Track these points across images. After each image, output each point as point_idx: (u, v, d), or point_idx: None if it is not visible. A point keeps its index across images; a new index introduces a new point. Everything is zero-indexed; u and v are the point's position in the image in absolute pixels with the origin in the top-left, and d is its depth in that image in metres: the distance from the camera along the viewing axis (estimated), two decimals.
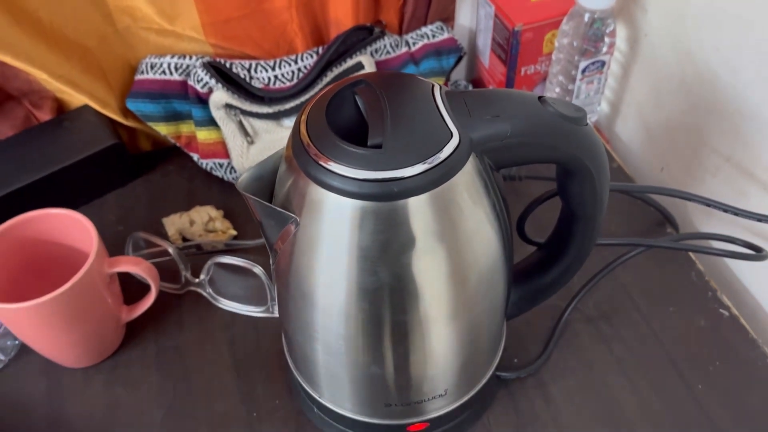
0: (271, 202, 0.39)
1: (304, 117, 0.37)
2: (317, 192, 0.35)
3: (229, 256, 0.57)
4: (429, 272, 0.37)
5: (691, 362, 0.54)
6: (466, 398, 0.47)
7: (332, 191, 0.35)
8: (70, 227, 0.52)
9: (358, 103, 0.38)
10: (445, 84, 0.71)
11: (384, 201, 0.35)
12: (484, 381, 0.48)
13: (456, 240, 0.37)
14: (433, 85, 0.38)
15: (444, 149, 0.35)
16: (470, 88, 0.70)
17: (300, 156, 0.36)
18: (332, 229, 0.36)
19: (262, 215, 0.39)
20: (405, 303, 0.38)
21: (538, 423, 0.51)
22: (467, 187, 0.36)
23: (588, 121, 0.39)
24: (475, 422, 0.51)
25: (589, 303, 0.58)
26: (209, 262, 0.57)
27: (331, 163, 0.35)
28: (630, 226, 0.64)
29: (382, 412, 0.46)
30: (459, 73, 0.78)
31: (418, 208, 0.35)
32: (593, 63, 0.64)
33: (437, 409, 0.46)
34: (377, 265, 0.36)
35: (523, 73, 0.70)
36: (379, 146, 0.35)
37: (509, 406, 0.52)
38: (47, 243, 0.53)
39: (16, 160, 0.64)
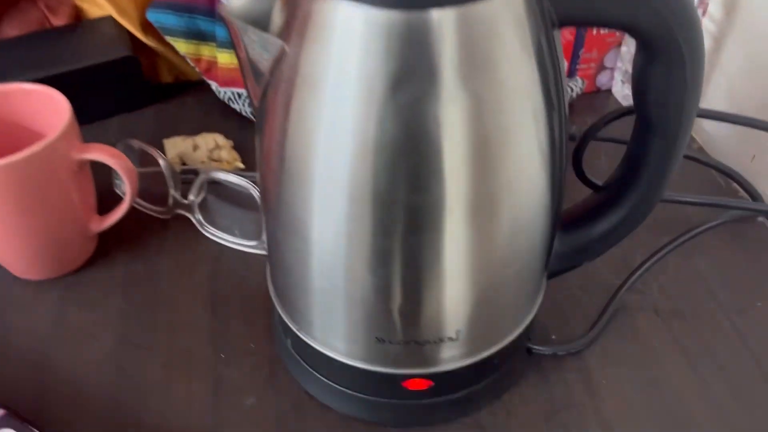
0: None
1: None
2: (319, 3, 0.27)
3: (224, 173, 0.48)
4: (452, 127, 0.27)
5: None
6: (482, 355, 0.36)
7: None
8: (44, 108, 0.45)
9: None
10: None
11: (399, 8, 0.25)
12: (507, 340, 0.37)
13: (489, 90, 0.27)
14: None
15: None
16: None
17: None
18: (334, 52, 0.27)
19: (248, 47, 0.30)
20: (415, 174, 0.28)
21: (574, 412, 0.39)
22: (514, 19, 0.27)
23: None
24: (493, 399, 0.40)
25: (653, 286, 0.47)
26: (201, 177, 0.49)
27: None
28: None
29: (373, 353, 0.35)
30: None
31: (445, 28, 0.26)
32: None
33: (444, 361, 0.36)
34: (386, 110, 0.27)
35: (594, 32, 0.60)
36: None
37: (540, 388, 0.41)
38: (17, 124, 0.46)
39: (22, 57, 0.58)
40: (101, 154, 0.43)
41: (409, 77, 0.26)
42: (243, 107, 0.60)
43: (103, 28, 0.60)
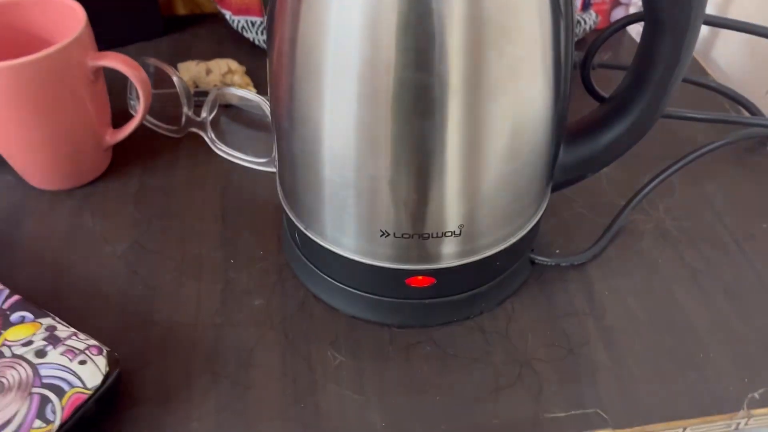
0: None
1: None
2: None
3: (236, 89, 0.49)
4: (456, 5, 0.28)
5: None
6: (483, 254, 0.37)
7: None
8: (58, 17, 0.45)
9: None
10: None
11: None
12: (509, 242, 0.38)
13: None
14: None
15: None
16: None
17: None
18: None
19: None
20: (420, 42, 0.28)
21: (575, 319, 0.40)
22: None
23: None
24: (495, 303, 0.40)
25: (659, 206, 0.47)
26: (213, 92, 0.49)
27: None
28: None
29: (378, 247, 0.36)
30: None
31: None
32: None
33: (447, 258, 0.36)
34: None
35: None
36: None
37: (541, 296, 0.41)
38: (34, 34, 0.46)
39: None
40: (116, 62, 0.44)
41: None
42: (256, 36, 0.60)
43: None
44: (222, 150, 0.50)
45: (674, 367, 0.38)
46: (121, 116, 0.51)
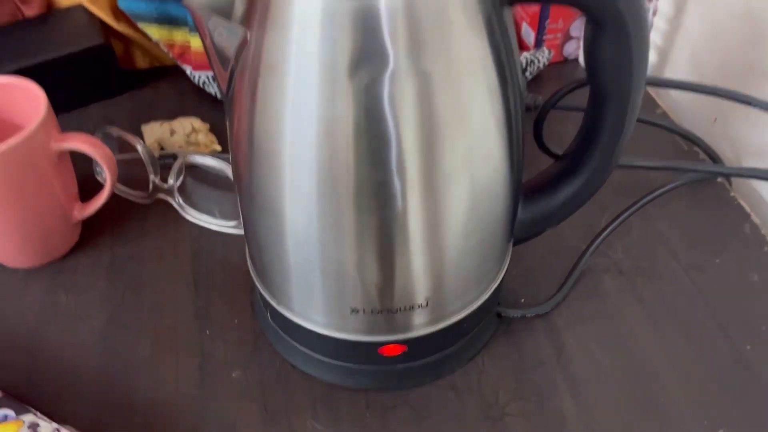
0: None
1: None
2: None
3: (201, 156, 0.50)
4: (403, 109, 0.29)
5: (739, 320, 0.44)
6: (451, 320, 0.38)
7: None
8: (21, 101, 0.46)
9: None
10: None
11: None
12: (475, 305, 0.39)
13: (439, 68, 0.29)
14: None
15: None
16: None
17: None
18: (293, 41, 0.29)
19: (211, 34, 0.31)
20: (376, 155, 0.30)
21: (543, 369, 0.42)
22: (462, 2, 0.29)
23: None
24: (465, 361, 0.42)
25: (618, 248, 0.49)
26: (179, 161, 0.50)
27: None
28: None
29: (349, 323, 0.37)
30: None
31: (394, 13, 0.27)
32: None
33: (416, 327, 0.38)
34: (345, 92, 0.28)
35: None
36: None
37: (509, 348, 0.43)
38: None
39: None
40: (80, 143, 0.45)
41: (366, 60, 0.28)
42: (218, 91, 0.61)
43: (75, 16, 0.61)
44: (191, 215, 0.51)
45: (638, 414, 0.40)
46: (88, 184, 0.51)
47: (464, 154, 0.32)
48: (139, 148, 0.51)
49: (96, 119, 0.62)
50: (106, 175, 0.47)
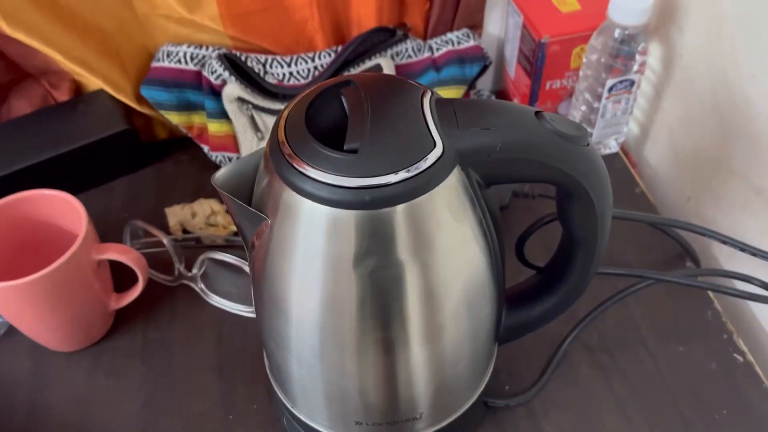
0: (251, 201, 0.38)
1: (285, 113, 0.36)
2: (288, 194, 0.34)
3: (222, 253, 0.55)
4: (403, 288, 0.35)
5: (697, 407, 0.50)
6: (445, 423, 0.45)
7: (302, 195, 0.33)
8: (63, 210, 0.52)
9: (344, 104, 0.36)
10: (467, 93, 0.69)
11: (356, 209, 0.33)
12: (466, 406, 0.46)
13: (433, 257, 0.35)
14: (424, 91, 0.36)
15: (425, 159, 0.33)
16: (493, 99, 0.67)
17: (274, 154, 0.34)
18: (303, 235, 0.34)
19: (237, 213, 0.37)
20: (377, 319, 0.36)
21: None
22: (449, 201, 0.34)
23: (589, 140, 0.37)
24: None
25: (594, 333, 0.55)
26: (202, 257, 0.56)
27: (305, 166, 0.33)
28: (648, 256, 0.60)
29: (353, 430, 0.43)
30: (485, 83, 0.76)
31: (393, 220, 0.33)
32: (621, 82, 0.61)
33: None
34: (348, 277, 0.34)
35: (548, 87, 0.67)
36: (354, 151, 0.33)
37: None
38: (39, 224, 0.53)
39: (29, 138, 0.64)
40: (116, 254, 0.51)
41: (368, 256, 0.34)
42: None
43: (101, 100, 0.66)
44: (213, 300, 0.57)
45: None
46: (120, 269, 0.57)
47: (453, 311, 0.38)
48: (165, 241, 0.57)
49: (121, 194, 0.67)
50: (138, 274, 0.53)
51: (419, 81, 0.66)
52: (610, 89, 0.61)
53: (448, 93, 0.66)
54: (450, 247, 0.35)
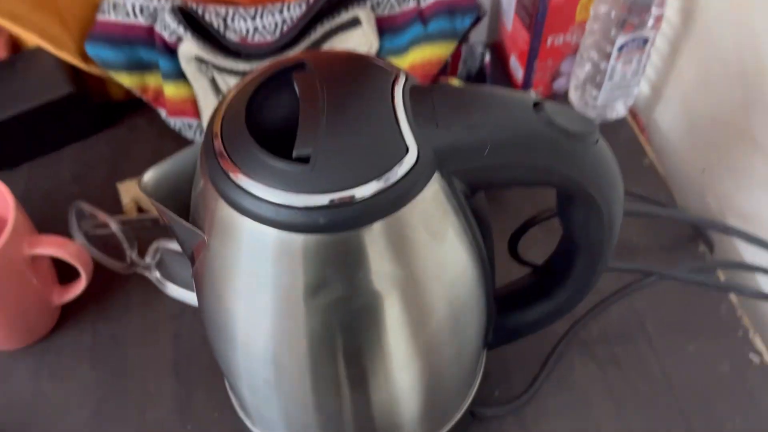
0: (189, 208, 0.31)
1: (223, 107, 0.29)
2: (224, 209, 0.27)
3: (176, 245, 0.49)
4: (374, 320, 0.29)
5: (706, 415, 0.45)
6: None
7: (240, 212, 0.26)
8: None
9: (297, 92, 0.29)
10: (459, 47, 0.61)
11: (308, 233, 0.26)
12: (452, 423, 0.41)
13: (407, 283, 0.29)
14: (396, 77, 0.29)
15: (394, 169, 0.26)
16: (488, 55, 0.60)
17: (208, 159, 0.28)
18: (245, 260, 0.28)
19: (171, 225, 0.31)
20: (346, 354, 0.30)
21: None
22: (425, 218, 0.28)
23: (598, 137, 0.30)
24: None
25: (593, 328, 0.49)
26: (155, 245, 0.50)
27: (241, 176, 0.26)
28: (656, 240, 0.54)
29: None
30: (478, 35, 0.68)
31: (356, 244, 0.27)
32: (633, 40, 0.53)
33: None
34: (305, 312, 0.28)
35: (549, 43, 0.59)
36: (305, 159, 0.26)
37: None
38: None
39: None
40: (51, 248, 0.44)
41: (325, 287, 0.27)
42: (195, 136, 0.60)
43: (43, 59, 0.58)
44: (170, 291, 0.51)
45: None
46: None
47: (434, 338, 0.32)
48: (113, 226, 0.50)
49: (71, 164, 0.61)
50: (80, 270, 0.46)
51: (403, 35, 0.60)
52: (621, 48, 0.54)
53: (436, 49, 0.58)
54: (432, 271, 0.29)
